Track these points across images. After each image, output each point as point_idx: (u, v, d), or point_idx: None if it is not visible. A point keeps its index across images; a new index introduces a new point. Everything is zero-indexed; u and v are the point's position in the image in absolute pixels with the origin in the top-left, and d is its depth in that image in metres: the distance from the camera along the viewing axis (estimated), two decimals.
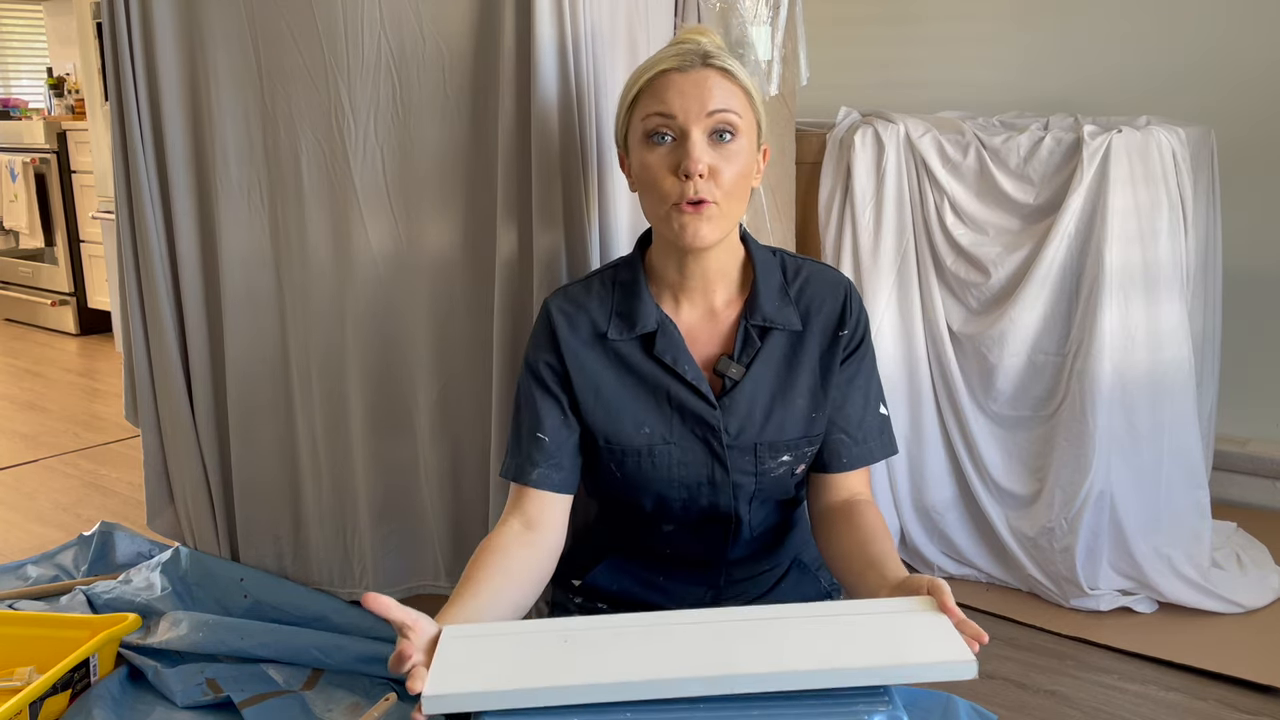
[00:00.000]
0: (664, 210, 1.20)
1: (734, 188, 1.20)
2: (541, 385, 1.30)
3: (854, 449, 1.31)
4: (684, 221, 1.19)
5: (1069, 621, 1.95)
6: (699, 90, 1.18)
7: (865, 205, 2.07)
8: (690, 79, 1.19)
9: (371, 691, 1.69)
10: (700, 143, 1.18)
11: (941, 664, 0.98)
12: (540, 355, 1.30)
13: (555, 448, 1.28)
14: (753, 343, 1.27)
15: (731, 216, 1.22)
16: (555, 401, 1.29)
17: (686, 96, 1.18)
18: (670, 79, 1.20)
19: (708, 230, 1.19)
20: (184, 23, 1.81)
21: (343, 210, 1.71)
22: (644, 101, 1.21)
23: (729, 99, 1.19)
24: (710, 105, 1.18)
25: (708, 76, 1.19)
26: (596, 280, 1.32)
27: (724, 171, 1.19)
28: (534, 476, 1.28)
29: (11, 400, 3.58)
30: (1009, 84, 2.72)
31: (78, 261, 4.58)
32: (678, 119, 1.18)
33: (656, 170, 1.20)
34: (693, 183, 1.17)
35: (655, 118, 1.20)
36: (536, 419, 1.29)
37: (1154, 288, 1.90)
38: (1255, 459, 2.44)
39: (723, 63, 1.20)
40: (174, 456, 1.99)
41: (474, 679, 0.99)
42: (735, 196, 1.21)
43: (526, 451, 1.29)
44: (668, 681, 0.97)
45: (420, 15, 1.59)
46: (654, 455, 1.27)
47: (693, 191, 1.17)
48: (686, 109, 1.18)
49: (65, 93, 4.88)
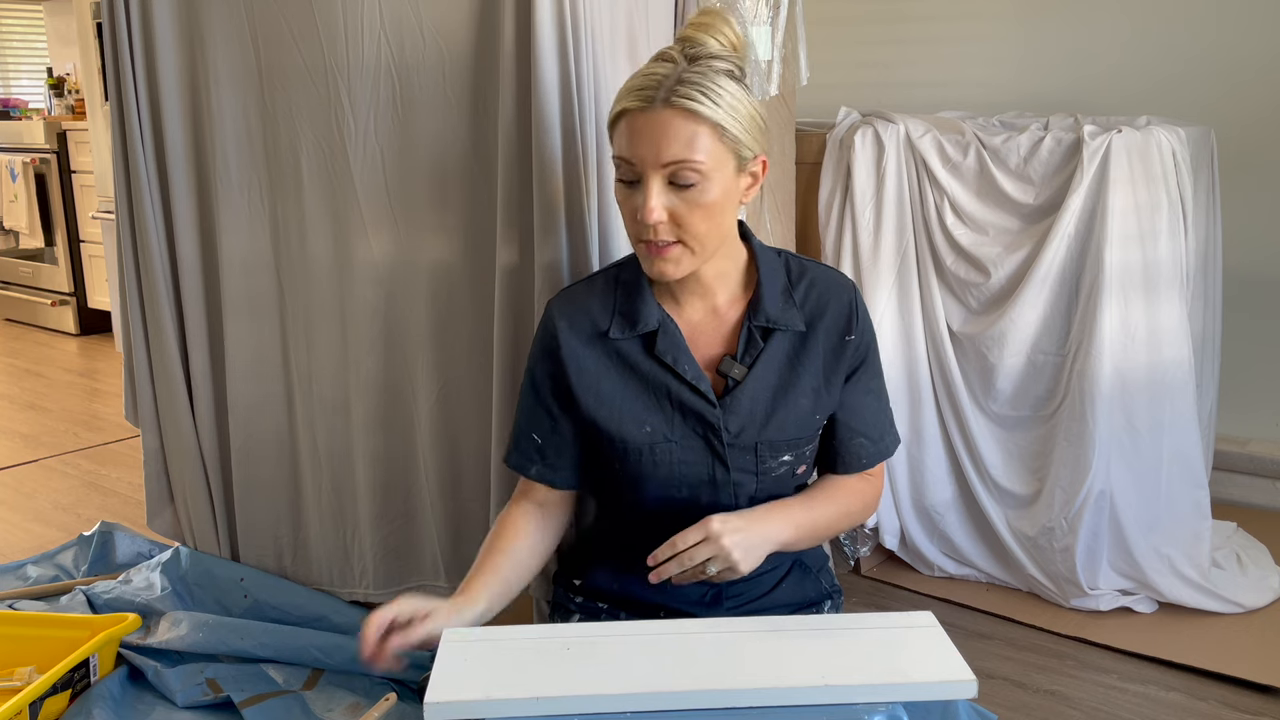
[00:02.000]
0: (634, 244, 1.23)
1: (702, 225, 1.19)
2: (537, 393, 1.34)
3: (872, 448, 1.35)
4: (651, 262, 1.21)
5: (1069, 621, 1.95)
6: (655, 137, 1.15)
7: (865, 205, 2.07)
8: (651, 122, 1.15)
9: (371, 691, 1.69)
10: (656, 192, 1.16)
11: (942, 683, 0.99)
12: (539, 363, 1.33)
13: (550, 450, 1.34)
14: (755, 343, 1.27)
15: (704, 250, 1.21)
16: (547, 412, 1.33)
17: (642, 144, 1.16)
18: (632, 121, 1.17)
19: (673, 269, 1.21)
20: (184, 23, 1.81)
21: (343, 210, 1.71)
22: (615, 136, 1.21)
23: (688, 146, 1.14)
24: (665, 156, 1.15)
25: (668, 121, 1.14)
26: (600, 279, 1.34)
27: (686, 216, 1.18)
28: (533, 473, 1.36)
29: (11, 400, 3.58)
30: (1009, 84, 2.72)
31: (78, 261, 4.58)
32: (635, 165, 1.18)
33: (623, 208, 1.22)
34: (651, 228, 1.18)
35: (619, 159, 1.20)
36: (532, 422, 1.35)
37: (1154, 288, 1.90)
38: (1255, 459, 2.44)
39: (686, 100, 1.13)
40: (174, 456, 1.99)
41: (475, 687, 0.99)
42: (701, 234, 1.19)
43: (525, 449, 1.36)
44: (669, 694, 0.98)
45: (420, 15, 1.59)
46: (655, 453, 1.28)
47: (651, 234, 1.18)
48: (643, 157, 1.16)
49: (65, 93, 4.88)
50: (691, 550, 1.17)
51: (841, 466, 1.35)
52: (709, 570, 1.17)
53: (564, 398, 1.31)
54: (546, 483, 1.35)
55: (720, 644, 1.07)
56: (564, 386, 1.30)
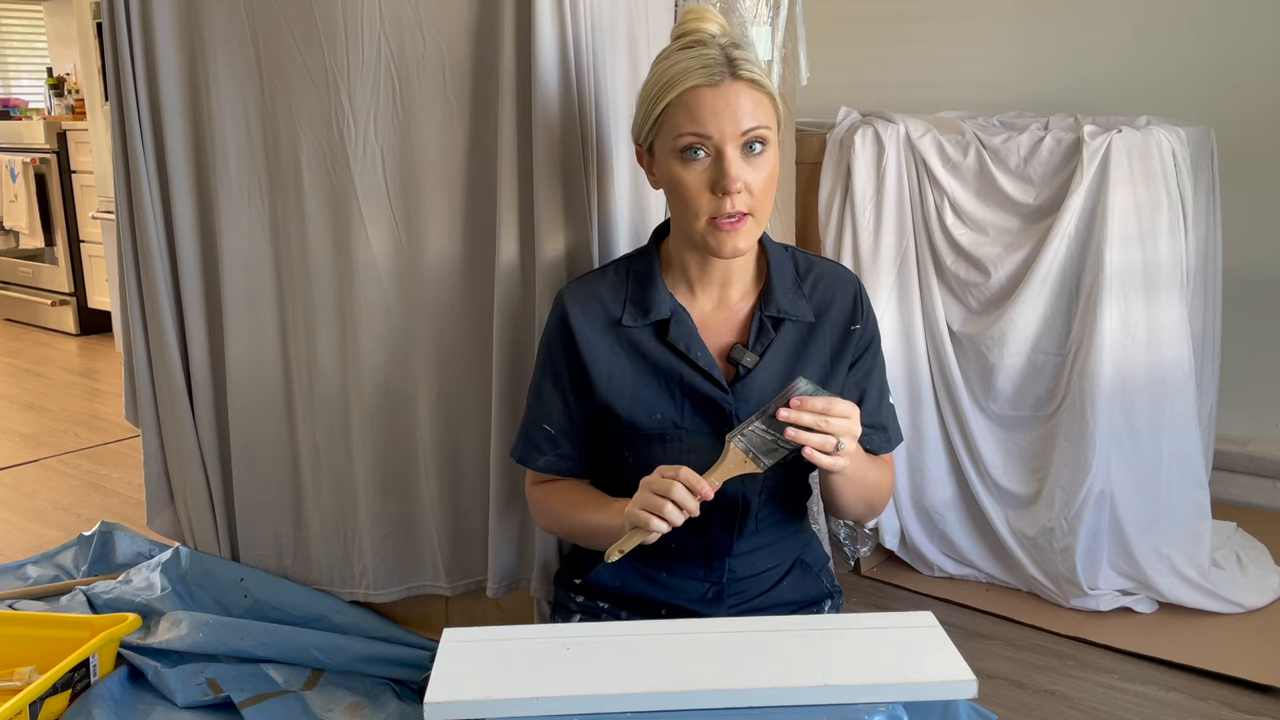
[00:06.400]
0: (699, 224, 1.23)
1: (765, 194, 1.23)
2: (554, 380, 1.35)
3: (876, 438, 1.36)
4: (722, 238, 1.22)
5: (1069, 621, 1.95)
6: (732, 109, 1.19)
7: (865, 205, 2.07)
8: (722, 96, 1.19)
9: (371, 691, 1.70)
10: (736, 161, 1.20)
11: (942, 683, 1.00)
12: (555, 350, 1.34)
13: (563, 439, 1.35)
14: (767, 332, 1.30)
15: (764, 222, 1.26)
16: (563, 398, 1.34)
17: (721, 117, 1.19)
18: (701, 96, 1.20)
19: (745, 244, 1.24)
20: (184, 23, 1.81)
21: (343, 211, 1.71)
22: (675, 117, 1.21)
23: (760, 113, 1.20)
24: (744, 124, 1.19)
25: (738, 91, 1.19)
26: (611, 270, 1.36)
27: (756, 182, 1.21)
28: (541, 463, 1.37)
29: (11, 400, 3.58)
30: (1009, 84, 2.72)
31: (78, 261, 4.58)
32: (713, 139, 1.20)
33: (691, 186, 1.22)
34: (730, 199, 1.20)
35: (689, 136, 1.21)
36: (544, 410, 1.36)
37: (1154, 288, 1.90)
38: (1255, 459, 2.44)
39: (750, 73, 1.20)
40: (174, 456, 1.99)
41: (475, 687, 0.99)
42: (766, 202, 1.24)
43: (534, 439, 1.37)
44: (669, 694, 0.98)
45: (420, 16, 1.59)
46: (665, 441, 1.29)
47: (730, 207, 1.20)
48: (722, 130, 1.19)
49: (65, 93, 4.88)
50: (839, 421, 1.13)
51: None
52: (842, 446, 1.13)
53: (580, 384, 1.33)
54: (555, 472, 1.37)
55: (720, 644, 1.07)
56: (580, 373, 1.32)
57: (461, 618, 1.85)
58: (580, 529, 1.33)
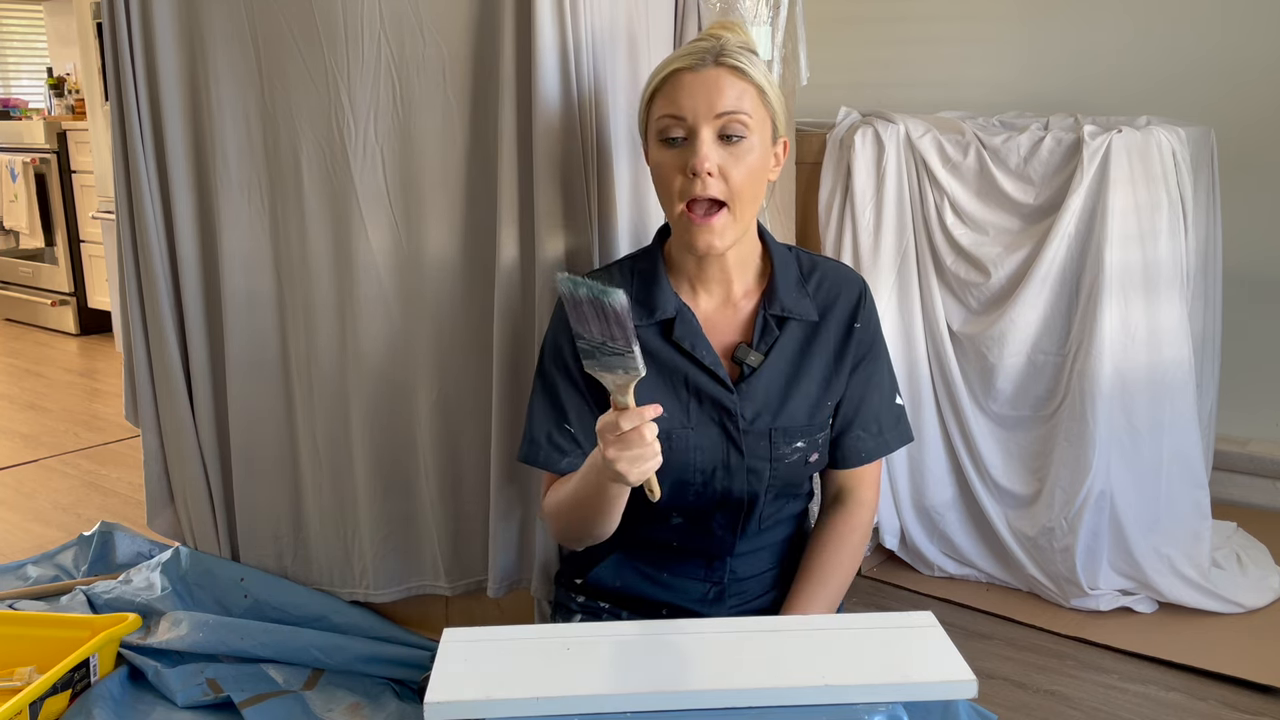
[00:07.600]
0: (676, 212, 1.24)
1: (744, 187, 1.22)
2: (564, 370, 1.33)
3: (870, 443, 1.35)
4: (694, 231, 1.22)
5: (1069, 621, 1.95)
6: (708, 91, 1.20)
7: (865, 205, 2.07)
8: (700, 79, 1.20)
9: (371, 691, 1.70)
10: (708, 142, 1.20)
11: (942, 683, 0.99)
12: (562, 347, 1.32)
13: (583, 436, 1.32)
14: (771, 331, 1.30)
15: (744, 219, 1.24)
16: (579, 393, 1.32)
17: (695, 97, 1.20)
18: (681, 79, 1.22)
19: (720, 242, 1.23)
20: (184, 23, 1.81)
21: (343, 211, 1.71)
22: (658, 102, 1.24)
23: (739, 99, 1.20)
24: (718, 106, 1.20)
25: (719, 76, 1.20)
26: (615, 269, 1.36)
27: (733, 171, 1.21)
28: (564, 465, 1.32)
29: (11, 400, 3.58)
30: (1009, 84, 2.72)
31: (78, 261, 4.58)
32: (687, 119, 1.21)
33: (668, 169, 1.23)
34: (700, 180, 1.20)
35: (666, 119, 1.23)
36: (561, 409, 1.33)
37: (1154, 288, 1.90)
38: (1255, 459, 2.44)
39: (735, 60, 1.21)
40: (174, 456, 1.99)
41: (475, 687, 0.99)
42: (746, 197, 1.23)
43: (555, 442, 1.33)
44: (669, 694, 0.98)
45: (420, 15, 1.59)
46: (671, 440, 1.29)
47: (700, 188, 1.20)
48: (695, 109, 1.20)
49: (65, 93, 4.88)
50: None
51: (840, 460, 1.36)
52: None
53: (592, 381, 1.30)
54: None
55: (720, 644, 1.07)
56: None
57: (461, 618, 1.85)
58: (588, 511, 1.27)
